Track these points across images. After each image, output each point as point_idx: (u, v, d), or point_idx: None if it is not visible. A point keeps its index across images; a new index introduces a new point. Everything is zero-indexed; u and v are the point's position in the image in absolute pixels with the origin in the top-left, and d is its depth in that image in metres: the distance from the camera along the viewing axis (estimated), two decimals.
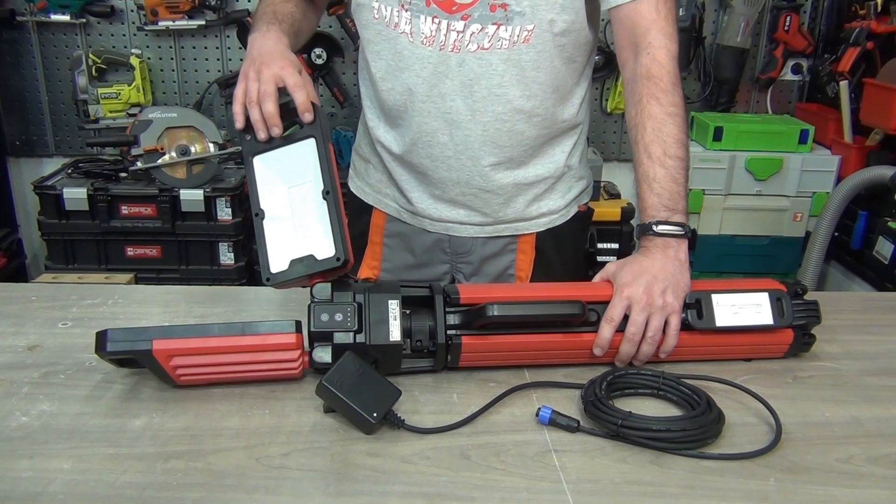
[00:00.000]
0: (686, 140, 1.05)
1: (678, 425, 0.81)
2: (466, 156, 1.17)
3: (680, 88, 1.07)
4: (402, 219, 1.28)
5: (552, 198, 1.25)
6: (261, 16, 1.14)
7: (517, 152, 1.18)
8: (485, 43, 1.09)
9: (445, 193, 1.21)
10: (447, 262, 1.30)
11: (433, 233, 1.27)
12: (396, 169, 1.25)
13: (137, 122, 2.46)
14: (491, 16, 1.08)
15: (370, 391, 0.82)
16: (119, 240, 2.54)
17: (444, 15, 1.08)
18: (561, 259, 1.30)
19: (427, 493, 0.73)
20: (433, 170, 1.19)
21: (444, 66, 1.11)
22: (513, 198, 1.22)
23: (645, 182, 1.03)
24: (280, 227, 0.95)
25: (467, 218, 1.23)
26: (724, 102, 2.80)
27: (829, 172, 2.62)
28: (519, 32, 1.09)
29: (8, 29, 2.66)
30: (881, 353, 1.04)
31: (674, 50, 1.08)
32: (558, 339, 0.94)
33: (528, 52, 1.10)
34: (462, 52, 1.10)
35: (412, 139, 1.18)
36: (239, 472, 0.75)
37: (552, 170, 1.23)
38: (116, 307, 1.13)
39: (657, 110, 1.04)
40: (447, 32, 1.09)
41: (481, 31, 1.08)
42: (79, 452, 0.78)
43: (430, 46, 1.10)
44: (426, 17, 1.09)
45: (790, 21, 2.70)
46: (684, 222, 1.01)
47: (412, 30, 1.10)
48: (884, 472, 0.78)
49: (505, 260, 1.28)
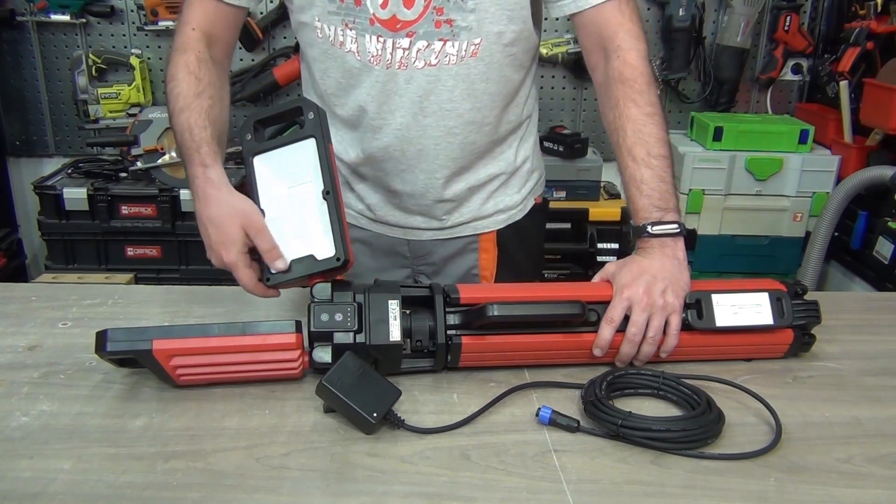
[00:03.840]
0: (667, 137, 1.05)
1: (678, 425, 0.81)
2: (420, 169, 1.16)
3: (654, 87, 1.06)
4: (360, 224, 1.28)
5: (507, 193, 1.25)
6: (184, 141, 1.02)
7: (468, 161, 1.18)
8: (432, 59, 1.07)
9: (402, 203, 1.22)
10: (407, 265, 1.30)
11: (392, 237, 1.27)
12: (352, 179, 1.25)
13: (137, 122, 2.47)
14: (436, 32, 1.06)
15: (370, 391, 0.82)
16: (119, 240, 2.54)
17: (389, 33, 1.06)
18: (524, 253, 1.30)
19: (427, 493, 0.73)
20: (387, 182, 1.20)
21: (393, 83, 1.09)
22: (467, 199, 1.23)
23: (633, 185, 1.03)
24: (280, 227, 0.95)
25: (425, 224, 1.24)
26: (724, 102, 2.80)
27: (829, 172, 2.61)
28: (466, 47, 1.07)
29: (8, 29, 2.66)
30: (881, 353, 1.04)
31: (643, 50, 1.07)
32: (558, 339, 0.94)
33: (477, 65, 1.09)
34: (409, 69, 1.08)
35: (366, 153, 1.18)
36: (239, 472, 0.75)
37: (503, 166, 1.23)
38: (116, 307, 1.13)
39: (635, 112, 1.04)
40: (393, 50, 1.07)
41: (427, 47, 1.06)
42: (79, 452, 0.78)
43: (377, 65, 1.08)
44: (370, 36, 1.06)
45: (790, 21, 2.70)
46: (678, 220, 1.01)
47: (359, 48, 1.08)
48: (884, 472, 0.78)
49: (468, 260, 1.28)
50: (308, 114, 0.97)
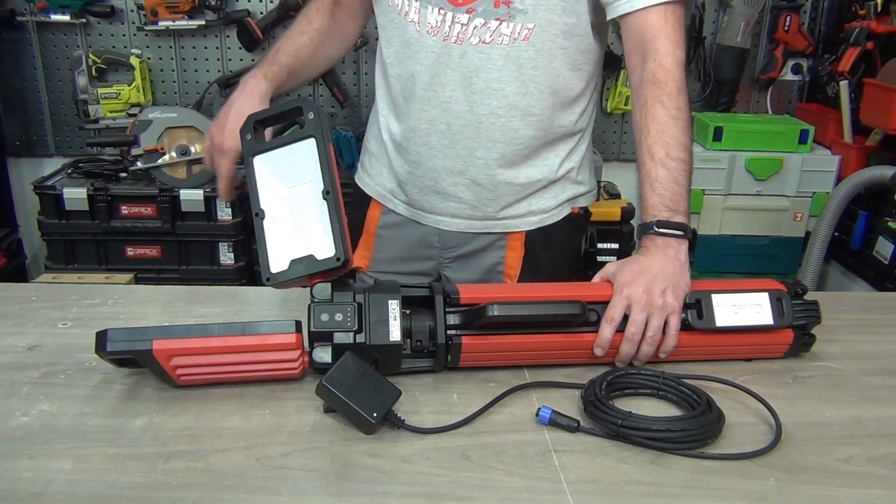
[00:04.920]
0: (689, 144, 1.05)
1: (678, 425, 0.81)
2: (461, 146, 1.20)
3: (685, 94, 1.07)
4: (396, 210, 1.32)
5: (544, 197, 1.27)
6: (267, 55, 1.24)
7: (510, 150, 1.20)
8: (486, 37, 1.13)
9: (438, 184, 1.24)
10: (434, 256, 1.32)
11: (424, 226, 1.30)
12: (396, 158, 1.28)
13: (137, 122, 2.46)
14: (494, 11, 1.11)
15: (370, 391, 0.82)
16: (119, 240, 2.54)
17: (450, 7, 1.12)
18: (551, 259, 1.31)
19: (427, 493, 0.73)
20: (428, 157, 1.23)
21: (447, 56, 1.15)
22: (503, 195, 1.24)
23: (647, 182, 1.04)
24: (280, 227, 0.95)
25: (457, 210, 1.26)
26: (724, 102, 2.80)
27: (829, 172, 2.62)
28: (520, 30, 1.12)
29: (8, 29, 2.65)
30: (881, 353, 1.04)
31: (680, 57, 1.09)
32: (558, 339, 0.94)
33: (528, 49, 1.13)
34: (464, 44, 1.13)
35: (412, 126, 1.22)
36: (239, 472, 0.75)
37: (546, 173, 1.24)
38: (116, 307, 1.13)
39: (661, 113, 1.05)
40: (451, 24, 1.13)
41: (484, 25, 1.12)
42: (79, 452, 0.78)
43: (434, 36, 1.15)
44: (433, 8, 1.14)
45: (790, 21, 2.70)
46: (685, 223, 1.01)
47: (420, 19, 1.15)
48: (884, 472, 0.78)
49: (494, 256, 1.30)
50: (308, 114, 0.97)
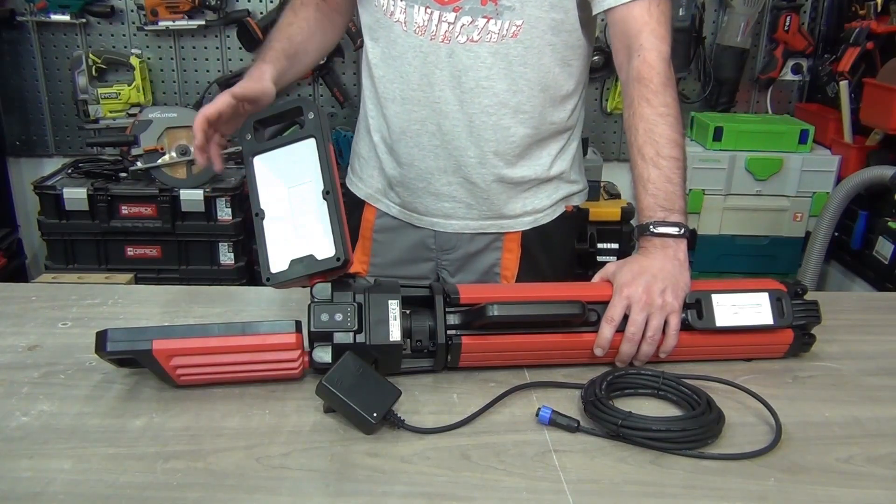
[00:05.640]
0: (680, 140, 1.05)
1: (678, 425, 0.81)
2: (453, 146, 1.20)
3: (672, 89, 1.07)
4: (390, 213, 1.32)
5: (538, 196, 1.27)
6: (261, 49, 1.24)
7: (503, 148, 1.20)
8: (474, 35, 1.12)
9: (431, 185, 1.24)
10: (432, 259, 1.32)
11: (420, 228, 1.29)
12: (388, 162, 1.27)
13: (137, 122, 2.46)
14: (481, 9, 1.10)
15: (370, 391, 0.82)
16: (119, 240, 2.54)
17: (437, 6, 1.12)
18: (548, 258, 1.31)
19: (427, 493, 0.73)
20: (420, 159, 1.22)
21: (435, 56, 1.14)
22: (496, 193, 1.24)
23: (640, 184, 1.04)
24: (280, 227, 0.95)
25: (452, 211, 1.26)
26: (724, 102, 2.80)
27: (829, 172, 2.62)
28: (508, 27, 1.11)
29: (8, 29, 2.66)
30: (881, 353, 1.04)
31: (664, 51, 1.08)
32: (558, 339, 0.94)
33: (517, 46, 1.13)
34: (452, 42, 1.13)
35: (402, 127, 1.21)
36: (239, 472, 0.75)
37: (538, 171, 1.24)
38: (116, 307, 1.13)
39: (648, 112, 1.05)
40: (438, 23, 1.12)
41: (471, 23, 1.11)
42: (79, 452, 0.78)
43: (421, 36, 1.14)
44: (419, 7, 1.13)
45: (790, 21, 2.70)
46: (682, 222, 1.01)
47: (406, 19, 1.14)
48: (884, 472, 0.78)
49: (491, 257, 1.30)
50: (308, 114, 0.97)
